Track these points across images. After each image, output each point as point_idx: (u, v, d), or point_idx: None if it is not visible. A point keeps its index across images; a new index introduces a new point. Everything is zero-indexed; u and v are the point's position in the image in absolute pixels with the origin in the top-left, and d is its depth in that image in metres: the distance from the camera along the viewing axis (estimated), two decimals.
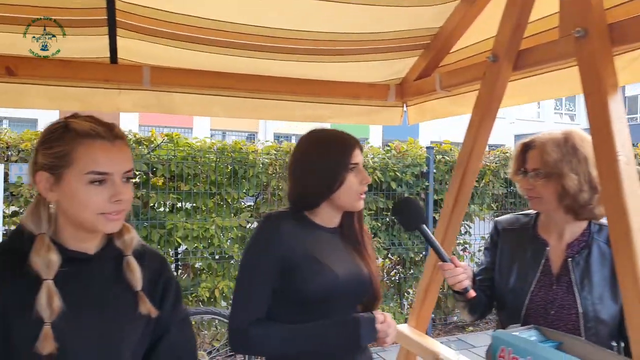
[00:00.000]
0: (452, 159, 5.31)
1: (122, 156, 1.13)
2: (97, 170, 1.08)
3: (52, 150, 1.09)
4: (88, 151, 1.08)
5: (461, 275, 1.55)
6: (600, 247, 1.61)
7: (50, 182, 1.09)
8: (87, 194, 1.08)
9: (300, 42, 2.06)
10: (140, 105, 2.09)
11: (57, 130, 1.11)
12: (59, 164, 1.08)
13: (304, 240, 1.46)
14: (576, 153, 1.56)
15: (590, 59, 1.37)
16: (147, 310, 1.18)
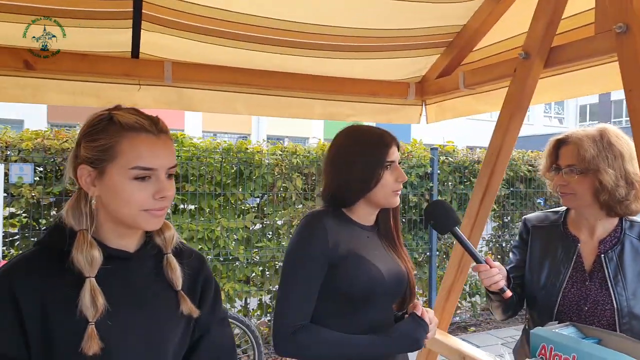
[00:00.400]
0: (455, 160, 5.32)
1: (166, 151, 1.08)
2: (141, 166, 1.03)
3: (95, 143, 1.04)
4: (133, 145, 1.04)
5: (497, 275, 1.54)
6: (633, 243, 1.61)
7: (92, 176, 1.05)
8: (131, 189, 1.03)
9: (324, 38, 2.05)
10: (161, 101, 2.06)
11: (101, 122, 1.06)
12: (102, 158, 1.04)
13: (347, 237, 1.44)
14: (612, 149, 1.56)
15: (632, 55, 1.37)
16: (189, 310, 1.15)
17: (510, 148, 1.85)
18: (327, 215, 1.46)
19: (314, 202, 4.64)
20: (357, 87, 2.33)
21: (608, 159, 1.55)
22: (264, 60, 2.10)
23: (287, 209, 4.53)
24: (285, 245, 4.56)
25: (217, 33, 1.93)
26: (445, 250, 5.40)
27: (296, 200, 4.57)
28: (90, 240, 1.04)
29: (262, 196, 4.51)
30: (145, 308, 1.10)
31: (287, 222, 4.55)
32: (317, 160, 4.62)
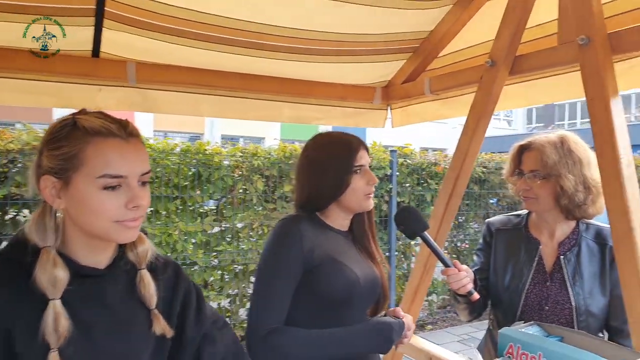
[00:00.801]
0: (413, 162, 5.43)
1: (138, 156, 1.00)
2: (110, 173, 0.96)
3: (58, 151, 0.96)
4: (99, 151, 0.96)
5: (465, 279, 1.57)
6: (589, 244, 1.69)
7: (57, 187, 0.97)
8: (100, 200, 0.95)
9: (292, 40, 2.04)
10: (125, 103, 1.99)
11: (63, 129, 0.98)
12: (66, 167, 0.95)
13: (322, 242, 1.44)
14: (572, 155, 1.63)
15: (593, 66, 1.44)
16: (162, 330, 1.07)
17: (476, 152, 1.90)
18: (303, 220, 1.46)
19: (275, 204, 4.61)
20: (325, 90, 2.33)
21: (568, 165, 1.62)
22: (231, 61, 2.06)
23: (247, 212, 4.48)
24: (245, 249, 4.51)
25: (183, 33, 1.88)
26: (403, 250, 5.50)
27: (257, 202, 4.53)
28: (54, 258, 0.95)
29: (221, 199, 4.44)
30: (117, 330, 1.02)
31: (248, 225, 4.50)
32: (279, 162, 4.59)
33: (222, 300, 4.50)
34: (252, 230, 4.54)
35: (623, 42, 1.44)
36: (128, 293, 1.06)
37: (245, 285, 4.55)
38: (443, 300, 5.90)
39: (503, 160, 6.06)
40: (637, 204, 1.37)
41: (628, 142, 1.41)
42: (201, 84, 2.07)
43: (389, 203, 5.19)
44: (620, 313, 1.61)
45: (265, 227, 4.54)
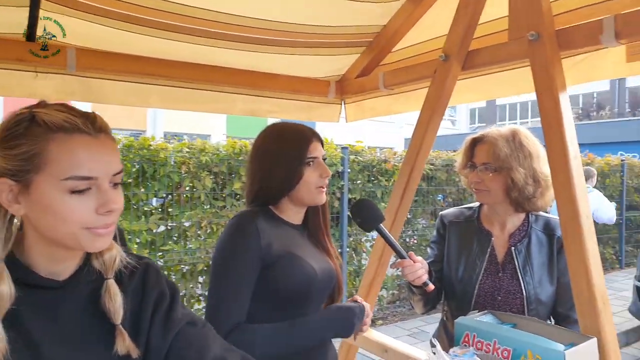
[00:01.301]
0: (364, 160, 5.48)
1: (108, 154, 0.89)
2: (78, 175, 0.85)
3: (15, 150, 0.84)
4: (65, 150, 0.85)
5: (420, 270, 1.59)
6: (538, 235, 1.75)
7: (14, 191, 0.85)
8: (67, 205, 0.84)
9: (246, 30, 1.99)
10: (64, 92, 1.86)
11: (20, 124, 0.85)
12: (26, 168, 0.84)
13: (278, 236, 1.42)
14: (522, 149, 1.68)
15: (543, 61, 1.49)
16: (126, 349, 0.95)
17: (430, 146, 1.93)
18: (258, 215, 1.42)
19: (224, 202, 4.52)
20: (279, 83, 2.29)
21: (519, 158, 1.67)
22: (182, 50, 1.99)
23: (195, 210, 4.36)
24: (193, 248, 4.39)
25: (130, 18, 1.78)
26: (354, 246, 5.54)
27: (205, 200, 4.42)
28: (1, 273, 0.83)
29: (167, 196, 4.30)
30: (69, 348, 0.91)
31: (196, 223, 4.38)
32: (228, 158, 4.50)
33: None
34: (200, 229, 4.42)
35: (570, 39, 1.49)
36: (90, 307, 0.95)
37: (193, 285, 4.43)
38: (393, 296, 6.00)
39: (449, 157, 6.24)
40: (584, 193, 1.42)
41: (575, 134, 1.46)
42: (150, 74, 1.98)
43: (340, 200, 5.21)
44: (567, 300, 1.68)
45: (214, 226, 4.45)
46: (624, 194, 8.53)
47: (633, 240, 8.95)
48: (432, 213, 6.20)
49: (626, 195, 8.61)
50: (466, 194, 6.38)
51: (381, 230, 1.57)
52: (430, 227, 6.17)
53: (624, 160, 8.65)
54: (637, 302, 4.86)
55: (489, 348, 1.41)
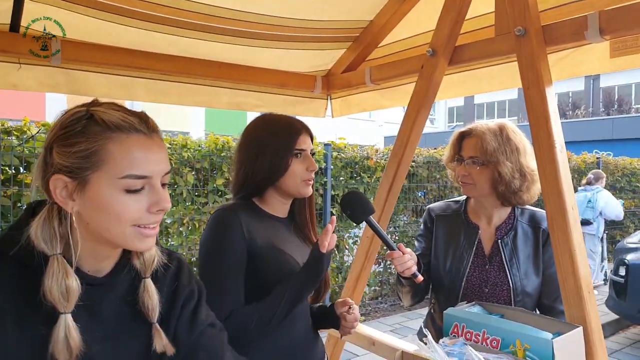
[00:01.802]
0: (346, 156, 5.49)
1: (161, 154, 0.91)
2: (135, 174, 0.86)
3: (74, 147, 0.85)
4: (123, 149, 0.86)
5: (409, 262, 1.60)
6: (524, 227, 1.78)
7: (70, 188, 0.86)
8: (122, 203, 0.86)
9: (232, 23, 1.98)
10: (47, 84, 1.83)
11: (78, 122, 0.86)
12: (84, 166, 0.85)
13: (261, 229, 1.41)
14: (510, 143, 1.71)
15: (529, 56, 1.52)
16: (163, 348, 0.96)
17: (417, 140, 1.95)
18: (239, 208, 1.41)
19: (206, 198, 4.49)
20: (265, 77, 2.28)
21: (506, 152, 1.69)
22: (168, 43, 1.96)
23: (177, 206, 4.32)
24: (175, 245, 4.35)
25: (116, 9, 1.75)
26: (337, 243, 5.55)
27: (187, 196, 4.38)
28: (66, 268, 0.85)
29: None
30: (118, 346, 0.93)
31: (178, 220, 4.34)
32: (210, 154, 4.46)
33: None
34: (182, 225, 4.38)
35: (556, 35, 1.52)
36: (127, 304, 0.96)
37: None
38: (374, 292, 6.04)
39: (430, 154, 6.30)
40: (569, 185, 1.46)
41: (560, 128, 1.50)
42: (135, 67, 1.95)
43: (323, 196, 5.22)
44: (552, 292, 1.72)
45: (197, 222, 4.41)
46: None
47: (608, 236, 9.15)
48: (413, 210, 6.25)
49: None
50: (446, 191, 6.45)
51: (371, 222, 1.57)
52: (412, 224, 6.22)
53: (599, 158, 8.85)
54: (613, 296, 4.96)
55: (478, 338, 1.43)
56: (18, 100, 15.45)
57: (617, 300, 4.89)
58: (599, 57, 1.73)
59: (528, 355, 1.32)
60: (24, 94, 15.44)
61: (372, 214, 1.59)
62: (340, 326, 1.56)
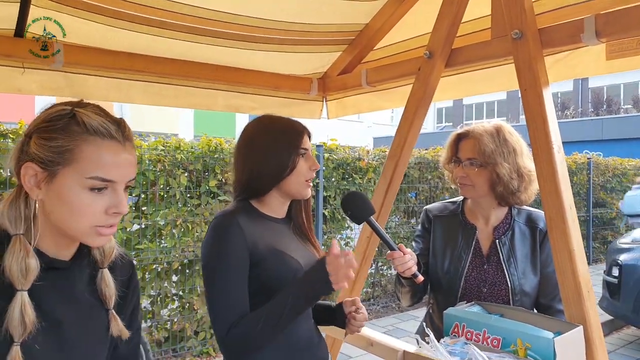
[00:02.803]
0: (338, 158, 5.50)
1: (130, 161, 0.97)
2: (101, 177, 0.92)
3: (51, 142, 0.91)
4: (96, 152, 0.92)
5: (410, 262, 1.60)
6: (521, 227, 1.80)
7: (40, 178, 0.91)
8: (84, 200, 0.92)
9: (228, 26, 1.99)
10: (49, 87, 1.83)
11: (61, 119, 0.93)
12: (56, 160, 0.90)
13: (262, 232, 1.41)
14: (507, 144, 1.73)
15: (526, 58, 1.54)
16: (119, 332, 1.05)
17: (414, 141, 1.96)
18: (239, 213, 1.41)
19: (199, 200, 4.47)
20: (261, 79, 2.29)
21: (504, 153, 1.71)
22: (164, 46, 1.96)
23: (170, 208, 4.30)
24: (168, 247, 4.32)
25: (114, 14, 1.76)
26: (329, 244, 5.56)
27: (180, 198, 4.36)
28: (27, 247, 0.90)
29: (141, 195, 4.22)
30: (80, 325, 0.99)
31: (171, 222, 4.31)
32: (203, 156, 4.45)
33: (143, 301, 4.29)
34: (175, 227, 4.36)
35: (552, 37, 1.55)
36: (87, 292, 1.03)
37: (167, 284, 4.37)
38: (366, 294, 6.05)
39: (421, 155, 6.33)
40: (567, 185, 1.48)
41: (557, 129, 1.52)
42: (133, 69, 1.95)
43: (315, 197, 5.22)
44: (549, 291, 1.74)
45: (189, 224, 4.39)
46: (591, 191, 8.77)
47: (600, 237, 9.22)
48: (405, 211, 6.28)
49: (592, 193, 8.85)
50: (437, 192, 6.48)
51: (371, 222, 1.58)
52: (403, 225, 6.24)
53: (590, 158, 8.89)
54: (607, 297, 4.99)
55: (479, 337, 1.45)
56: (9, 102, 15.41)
57: (610, 301, 4.89)
58: (595, 59, 1.75)
59: (529, 355, 1.33)
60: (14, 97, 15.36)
61: (373, 214, 1.60)
62: (348, 325, 1.55)
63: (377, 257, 5.99)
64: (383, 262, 6.10)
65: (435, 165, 6.27)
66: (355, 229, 5.87)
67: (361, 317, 1.53)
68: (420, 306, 6.08)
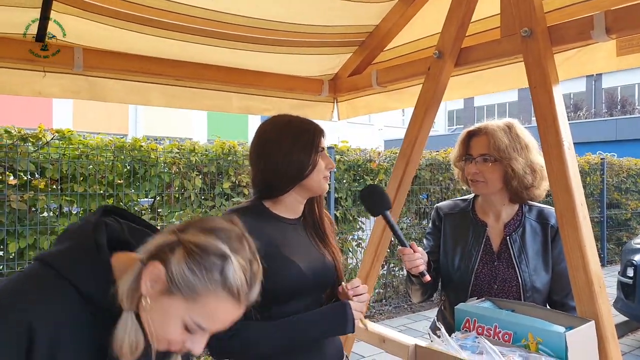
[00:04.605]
0: (349, 159, 5.52)
1: (233, 319, 0.96)
2: (203, 326, 0.92)
3: (190, 273, 0.89)
4: (214, 306, 0.91)
5: (418, 260, 1.63)
6: (532, 224, 1.81)
7: (158, 285, 0.90)
8: (174, 328, 0.91)
9: (242, 29, 2.03)
10: (70, 90, 1.89)
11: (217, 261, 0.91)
12: (179, 288, 0.89)
13: (267, 235, 1.42)
14: (519, 140, 1.74)
15: (536, 56, 1.55)
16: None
17: (424, 140, 1.98)
18: (246, 212, 1.44)
19: (213, 201, 4.52)
20: (274, 81, 2.33)
21: (517, 148, 1.73)
22: (180, 49, 2.01)
23: (184, 210, 4.36)
24: None
25: (132, 18, 1.81)
26: (341, 246, 5.58)
27: (195, 200, 4.42)
28: (137, 325, 0.90)
29: (157, 196, 4.28)
30: None
31: None
32: (217, 159, 4.51)
33: None
34: None
35: (562, 35, 1.56)
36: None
37: None
38: (378, 294, 6.05)
39: (432, 157, 6.32)
40: (578, 182, 1.49)
41: (568, 126, 1.53)
42: (150, 72, 2.00)
43: (327, 199, 5.25)
44: (562, 287, 1.74)
45: None
46: (604, 192, 8.66)
47: (614, 238, 9.10)
48: (416, 212, 6.27)
49: (606, 194, 8.74)
50: (449, 193, 6.47)
51: (387, 216, 1.60)
52: (414, 226, 6.24)
53: (603, 159, 8.77)
54: (621, 298, 4.94)
55: (490, 332, 1.46)
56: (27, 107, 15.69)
57: (625, 302, 4.85)
58: (605, 55, 1.76)
59: (541, 349, 1.34)
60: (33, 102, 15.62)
61: (389, 209, 1.62)
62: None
63: (389, 258, 5.99)
64: (395, 263, 6.10)
65: (447, 167, 6.27)
66: (367, 230, 5.88)
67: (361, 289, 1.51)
68: (432, 306, 6.07)
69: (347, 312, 1.43)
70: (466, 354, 1.33)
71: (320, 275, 1.50)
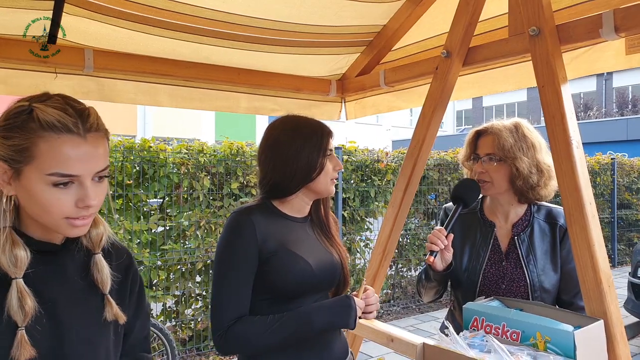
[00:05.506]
0: (357, 160, 5.53)
1: (94, 154, 0.95)
2: (61, 172, 0.91)
3: (10, 141, 0.91)
4: (52, 149, 0.91)
5: (444, 242, 1.66)
6: (540, 224, 1.81)
7: (8, 174, 0.93)
8: (49, 196, 0.92)
9: (249, 30, 2.04)
10: (80, 91, 1.91)
11: (19, 117, 0.92)
12: (17, 158, 0.91)
13: (276, 232, 1.44)
14: (526, 140, 1.74)
15: (544, 55, 1.55)
16: (113, 316, 1.06)
17: (432, 140, 1.98)
18: (255, 210, 1.45)
19: (221, 202, 4.55)
20: (282, 81, 2.34)
21: (523, 148, 1.73)
22: (189, 51, 2.03)
23: (193, 210, 4.39)
24: (192, 248, 4.41)
25: (142, 20, 1.82)
26: (348, 245, 5.59)
27: (203, 200, 4.44)
28: (14, 238, 0.94)
29: (165, 197, 4.32)
30: (78, 307, 1.02)
31: (194, 223, 4.40)
32: (225, 159, 4.53)
33: (167, 300, 4.38)
34: (198, 228, 4.44)
35: (570, 33, 1.55)
36: (81, 278, 1.05)
37: (191, 284, 4.45)
38: (386, 295, 6.05)
39: (441, 157, 6.31)
40: (587, 181, 1.48)
41: (576, 125, 1.52)
42: (159, 73, 2.02)
43: (335, 199, 5.25)
44: (571, 287, 1.73)
45: (213, 225, 4.47)
46: (615, 192, 8.60)
47: (625, 238, 9.03)
48: (425, 212, 6.27)
49: (617, 194, 8.68)
50: None
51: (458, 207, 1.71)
52: (423, 227, 6.23)
53: (614, 158, 8.70)
54: (632, 299, 4.91)
55: (498, 331, 1.46)
56: None
57: (636, 303, 4.82)
58: (614, 54, 1.75)
59: (549, 348, 1.34)
60: None
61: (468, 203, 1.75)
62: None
63: (397, 259, 5.99)
64: (403, 264, 6.09)
65: (455, 167, 6.25)
66: (375, 230, 5.89)
67: (370, 292, 1.55)
68: (441, 307, 6.06)
69: (351, 304, 1.44)
70: (474, 353, 1.33)
71: (328, 273, 1.51)
